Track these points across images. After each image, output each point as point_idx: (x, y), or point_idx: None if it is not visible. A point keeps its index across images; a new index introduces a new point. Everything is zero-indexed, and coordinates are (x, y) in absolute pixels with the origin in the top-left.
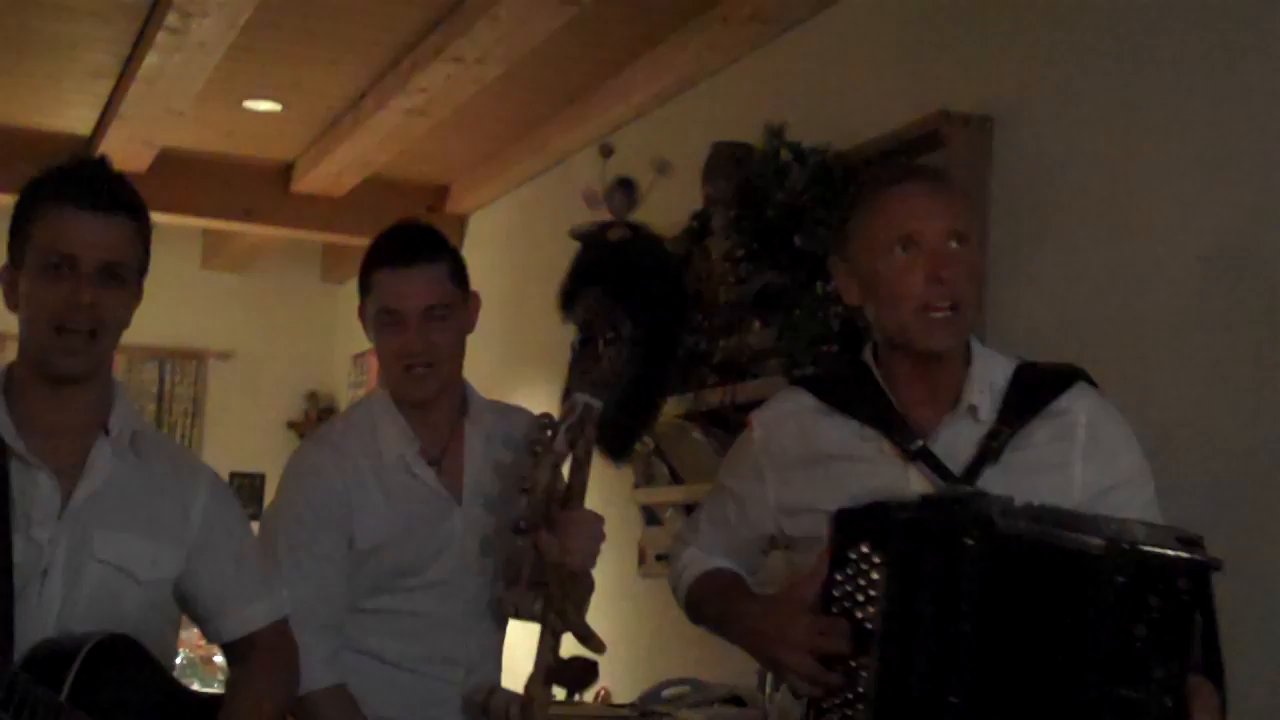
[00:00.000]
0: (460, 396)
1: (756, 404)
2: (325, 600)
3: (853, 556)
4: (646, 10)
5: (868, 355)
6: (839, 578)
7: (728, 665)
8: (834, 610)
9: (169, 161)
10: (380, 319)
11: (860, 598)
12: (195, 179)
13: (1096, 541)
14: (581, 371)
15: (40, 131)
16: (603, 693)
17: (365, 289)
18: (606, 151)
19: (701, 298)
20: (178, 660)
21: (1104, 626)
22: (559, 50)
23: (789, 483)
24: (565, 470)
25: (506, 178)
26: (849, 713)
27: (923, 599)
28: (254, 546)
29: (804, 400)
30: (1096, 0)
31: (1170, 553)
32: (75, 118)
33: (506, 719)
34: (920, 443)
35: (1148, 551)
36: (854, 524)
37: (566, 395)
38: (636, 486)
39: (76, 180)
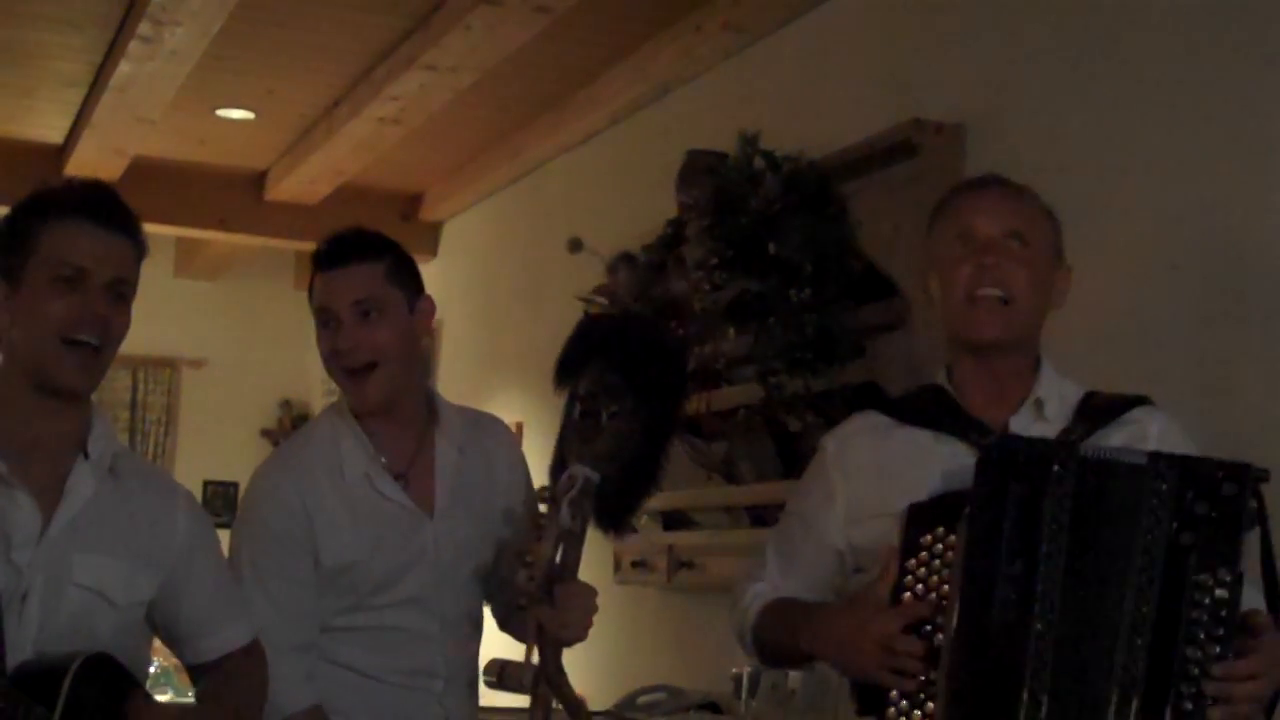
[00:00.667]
0: (426, 405)
1: (732, 412)
2: (294, 621)
3: (924, 543)
4: (620, 19)
5: (941, 377)
6: (911, 564)
7: (703, 672)
8: (906, 598)
9: (141, 170)
10: (317, 322)
11: (935, 579)
12: (168, 188)
13: (1141, 455)
14: (582, 443)
15: (12, 140)
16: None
17: (310, 296)
18: (575, 247)
19: (677, 305)
20: (151, 669)
21: (1152, 534)
22: (532, 59)
23: (860, 491)
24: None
25: (480, 186)
26: (924, 697)
27: (1008, 528)
28: (227, 566)
29: (876, 418)
30: (1069, 8)
31: (1213, 459)
32: (47, 126)
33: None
34: (990, 438)
35: (1190, 459)
36: (925, 514)
37: (559, 466)
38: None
39: (87, 197)
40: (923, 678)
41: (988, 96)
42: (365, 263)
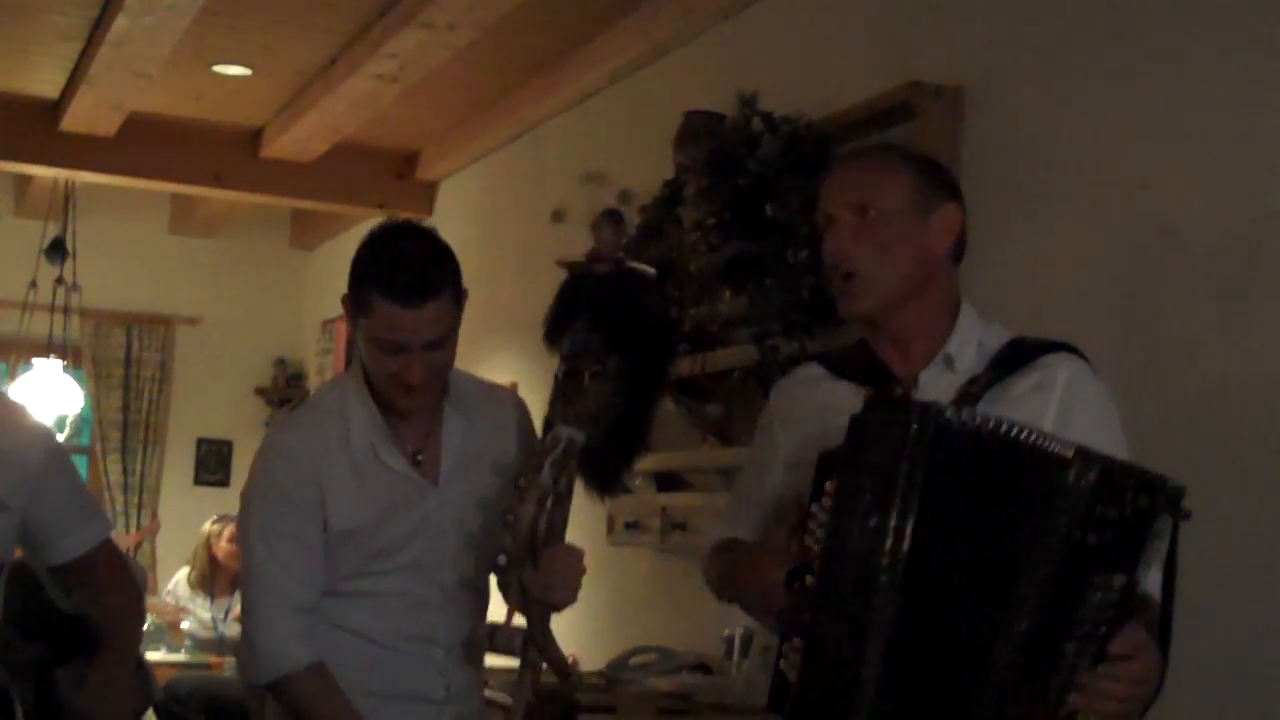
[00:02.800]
0: (443, 383)
1: (727, 373)
2: (299, 581)
3: (826, 489)
4: None
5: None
6: (814, 509)
7: (695, 633)
8: (806, 541)
9: (137, 125)
10: (379, 344)
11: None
12: (163, 143)
13: (1066, 446)
14: (565, 404)
15: (7, 95)
16: (571, 657)
17: (362, 308)
18: (558, 218)
19: (673, 266)
20: (145, 627)
21: (1055, 527)
22: (531, 17)
23: (796, 439)
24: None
25: (477, 145)
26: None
27: (865, 482)
28: (79, 483)
29: (814, 370)
30: None
31: (1138, 466)
32: (43, 81)
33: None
34: (899, 391)
35: (1115, 461)
36: (829, 462)
37: (548, 427)
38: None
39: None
40: (806, 623)
41: (986, 60)
42: (439, 298)
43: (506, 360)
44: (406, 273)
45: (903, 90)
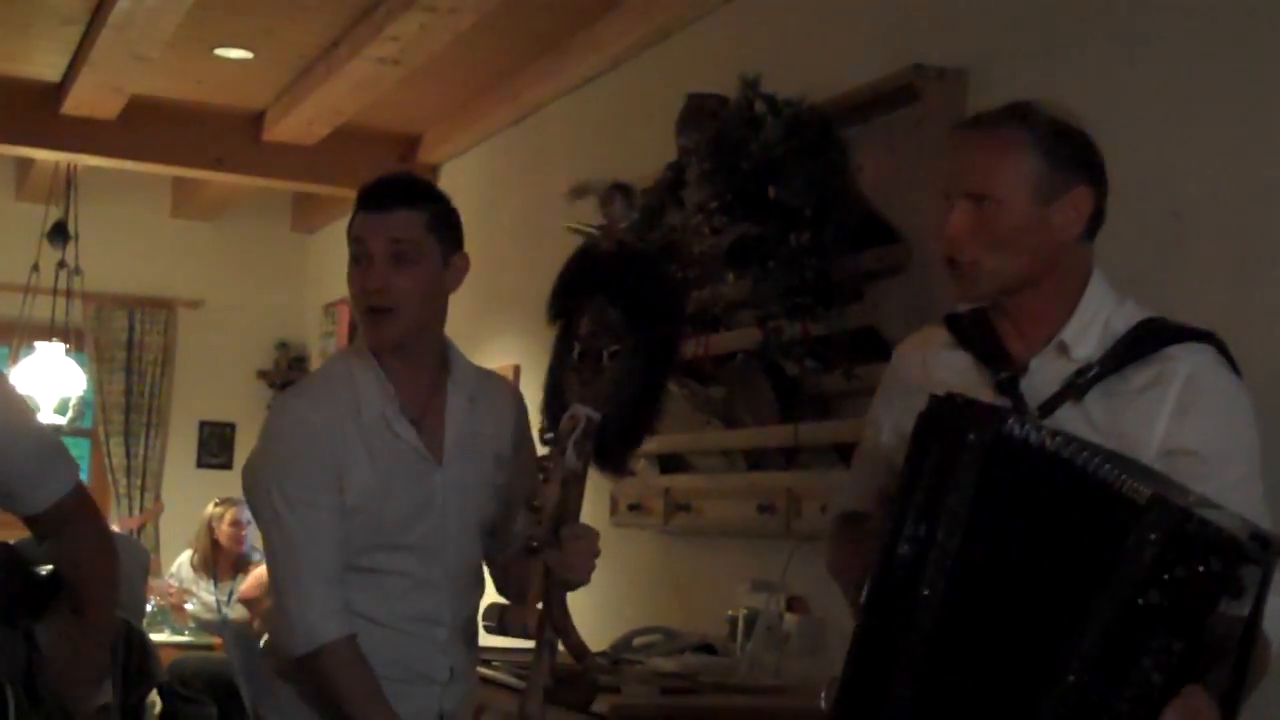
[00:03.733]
0: (441, 354)
1: (730, 356)
2: (329, 552)
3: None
4: None
5: None
6: (916, 487)
7: (699, 614)
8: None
9: (139, 109)
10: (351, 254)
11: None
12: (165, 127)
13: (1143, 489)
14: (583, 383)
15: (9, 78)
16: None
17: (348, 234)
18: (578, 193)
19: (675, 249)
20: (148, 608)
21: (1115, 580)
22: (533, 1)
23: (906, 410)
24: None
25: (479, 128)
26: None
27: (920, 488)
28: (43, 435)
29: (938, 335)
30: None
31: (1215, 524)
32: (44, 64)
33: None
34: (1006, 374)
35: (1194, 516)
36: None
37: (555, 401)
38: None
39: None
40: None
41: (989, 42)
42: (407, 208)
43: (508, 343)
44: (377, 184)
45: (906, 73)
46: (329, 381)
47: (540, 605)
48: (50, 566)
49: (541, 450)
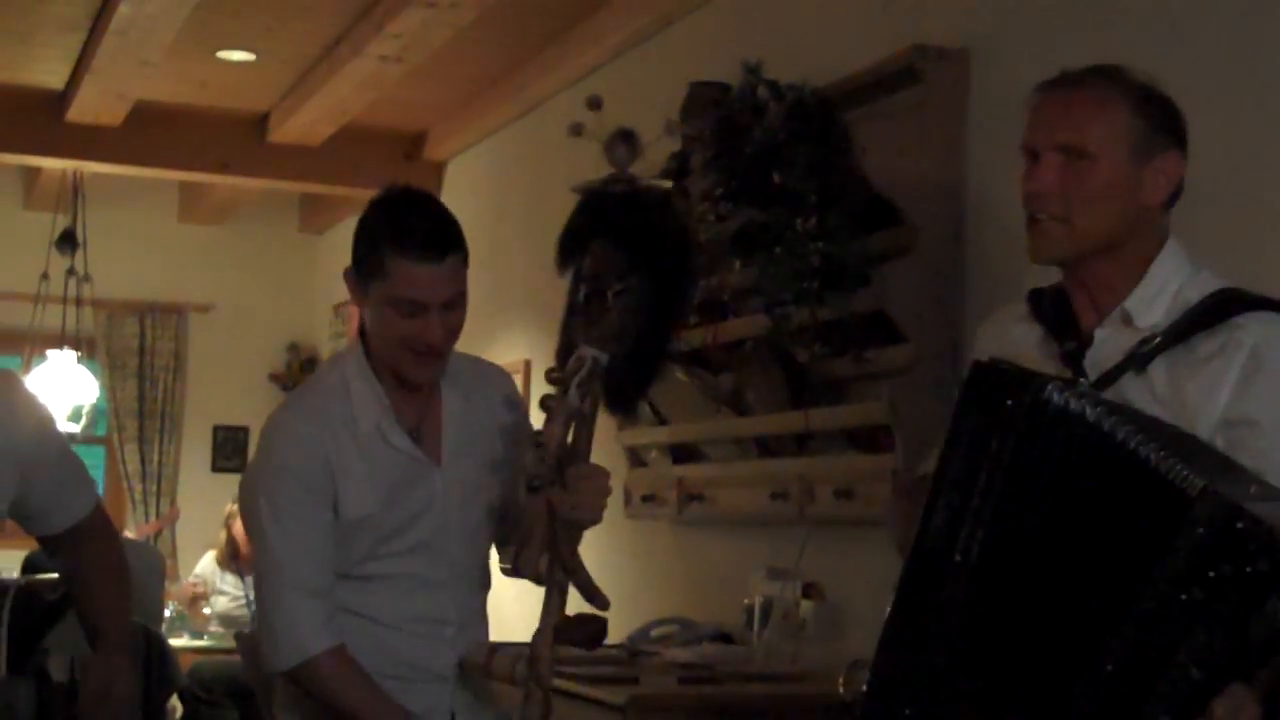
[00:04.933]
0: None
1: (739, 343)
2: (315, 565)
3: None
4: None
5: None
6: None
7: (715, 604)
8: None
9: (143, 114)
10: (396, 306)
11: None
12: (170, 131)
13: (1196, 479)
14: (588, 324)
15: (12, 87)
16: None
17: (376, 272)
18: (595, 104)
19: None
20: (166, 613)
21: (1160, 570)
22: None
23: None
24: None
25: (483, 124)
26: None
27: (957, 455)
28: (68, 453)
29: (1017, 308)
30: None
31: (1267, 523)
32: (47, 72)
33: (512, 678)
34: (1071, 345)
35: (1244, 512)
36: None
37: (566, 347)
38: (621, 428)
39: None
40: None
41: (991, 21)
42: (455, 254)
43: (516, 338)
44: (425, 228)
45: (908, 54)
46: (324, 394)
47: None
48: (56, 577)
49: (551, 390)
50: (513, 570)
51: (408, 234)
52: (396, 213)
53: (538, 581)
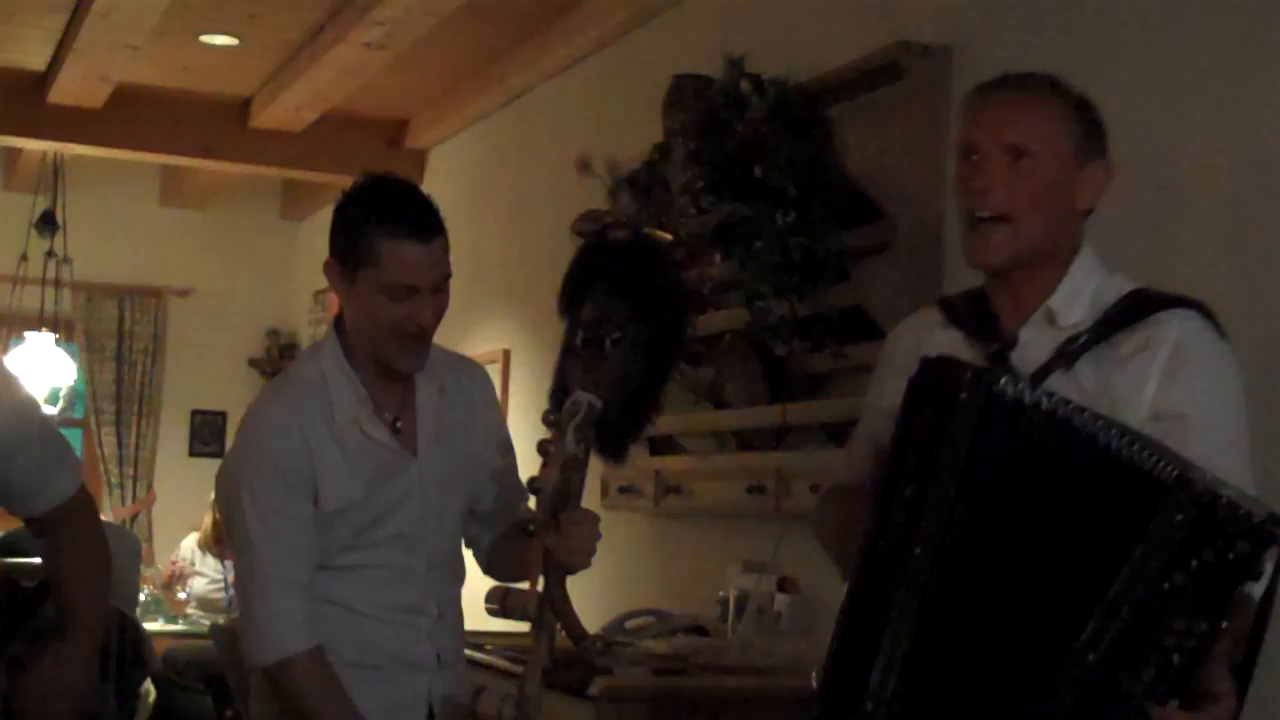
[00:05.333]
0: None
1: (718, 336)
2: (296, 559)
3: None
4: None
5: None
6: (907, 448)
7: (690, 596)
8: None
9: (125, 97)
10: (389, 291)
11: None
12: (152, 115)
13: (1167, 465)
14: (585, 369)
15: None
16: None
17: (365, 257)
18: (584, 166)
19: (662, 230)
20: (141, 597)
21: (1141, 559)
22: None
23: (898, 390)
24: None
25: (466, 112)
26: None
27: (911, 450)
28: (51, 432)
29: (931, 315)
30: None
31: (1244, 509)
32: (30, 53)
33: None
34: (997, 347)
35: (1220, 499)
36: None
37: (560, 390)
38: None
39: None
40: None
41: (974, 18)
42: (442, 237)
43: (497, 327)
44: (413, 211)
45: (890, 50)
46: (301, 386)
47: (540, 588)
48: (38, 563)
49: (545, 435)
50: (500, 611)
51: (397, 218)
52: (382, 198)
53: (527, 620)
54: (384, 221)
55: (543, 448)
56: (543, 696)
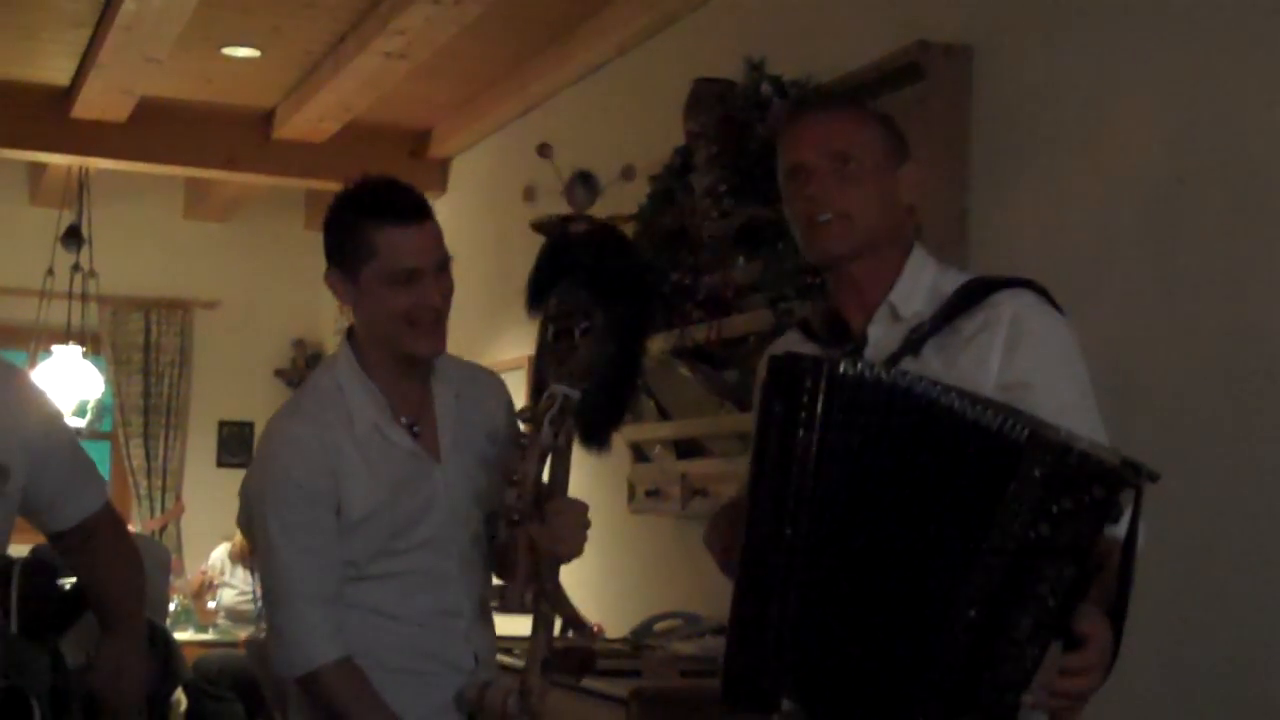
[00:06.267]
0: None
1: (742, 339)
2: (323, 572)
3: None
4: None
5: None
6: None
7: (718, 597)
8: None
9: (148, 110)
10: (392, 279)
11: None
12: (175, 128)
13: (1020, 427)
14: (558, 363)
15: (18, 83)
16: (596, 628)
17: (364, 252)
18: (545, 152)
19: (685, 233)
20: (171, 607)
21: (1005, 515)
22: None
23: None
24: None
25: (488, 121)
26: None
27: (769, 443)
28: (78, 448)
29: (793, 335)
30: None
31: (1095, 456)
32: (54, 68)
33: (505, 712)
34: (850, 346)
35: (1072, 451)
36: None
37: (539, 387)
38: (624, 424)
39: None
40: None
41: (995, 18)
42: (433, 219)
43: (520, 336)
44: (400, 197)
45: (911, 50)
46: (319, 397)
47: (524, 577)
48: (73, 580)
49: (523, 428)
50: (499, 606)
51: (384, 207)
52: (367, 195)
53: (524, 613)
54: (372, 213)
55: (517, 441)
56: (545, 689)
